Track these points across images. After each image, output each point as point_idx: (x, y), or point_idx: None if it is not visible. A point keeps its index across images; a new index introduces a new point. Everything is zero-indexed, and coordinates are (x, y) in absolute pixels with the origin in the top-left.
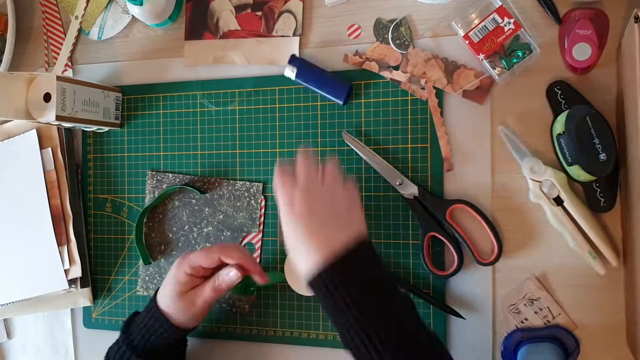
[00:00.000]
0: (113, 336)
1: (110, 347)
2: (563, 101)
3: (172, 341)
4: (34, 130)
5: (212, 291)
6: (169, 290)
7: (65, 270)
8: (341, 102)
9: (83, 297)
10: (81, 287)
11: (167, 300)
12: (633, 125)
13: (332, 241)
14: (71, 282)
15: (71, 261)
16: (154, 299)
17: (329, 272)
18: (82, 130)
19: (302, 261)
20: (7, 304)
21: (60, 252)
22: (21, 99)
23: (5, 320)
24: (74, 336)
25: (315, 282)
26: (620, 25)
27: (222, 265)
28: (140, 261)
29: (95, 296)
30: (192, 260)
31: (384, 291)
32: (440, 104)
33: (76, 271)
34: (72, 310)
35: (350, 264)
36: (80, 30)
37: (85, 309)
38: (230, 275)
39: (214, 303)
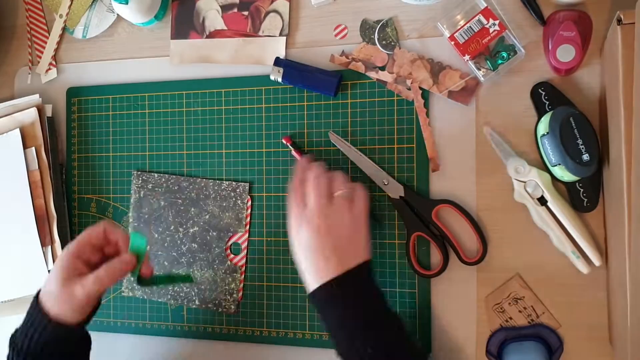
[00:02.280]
0: (97, 337)
1: None
2: (547, 102)
3: (59, 339)
4: (17, 130)
5: (94, 282)
6: (51, 277)
7: (49, 271)
8: (332, 94)
9: None
10: None
11: (49, 289)
12: (615, 126)
13: (337, 264)
14: None
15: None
16: (34, 300)
17: (329, 288)
18: (67, 129)
19: (308, 278)
20: None
21: (44, 252)
22: None
23: None
24: None
25: (317, 294)
26: (604, 28)
27: (112, 251)
28: None
29: None
30: (78, 238)
31: (379, 310)
32: (426, 105)
33: None
34: None
35: (351, 284)
36: (64, 29)
37: None
38: (113, 264)
39: (99, 296)
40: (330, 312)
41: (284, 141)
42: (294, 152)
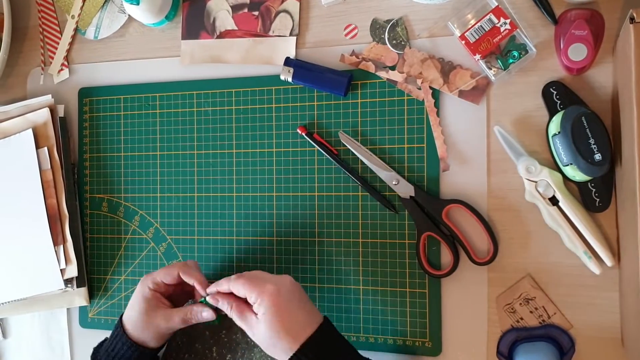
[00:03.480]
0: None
1: None
2: (559, 101)
3: (138, 359)
4: (30, 130)
5: (181, 321)
6: (136, 308)
7: (61, 270)
8: (342, 94)
9: (79, 297)
10: (77, 287)
11: (133, 319)
12: (628, 126)
13: (301, 332)
14: (67, 281)
15: (67, 261)
16: (119, 323)
17: (296, 356)
18: (79, 129)
19: (278, 352)
20: (3, 303)
21: (56, 251)
22: None
23: (1, 320)
24: (69, 336)
25: None
26: (616, 26)
27: (183, 283)
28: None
29: (91, 296)
30: (154, 277)
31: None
32: (437, 104)
33: (72, 271)
34: (68, 309)
35: (319, 343)
36: (76, 30)
37: (82, 308)
38: (203, 315)
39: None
40: None
41: (299, 131)
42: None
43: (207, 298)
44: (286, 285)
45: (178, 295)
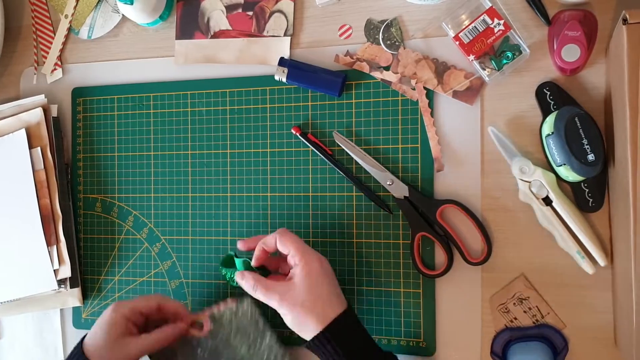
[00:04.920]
0: None
1: None
2: (552, 102)
3: None
4: (23, 130)
5: (154, 343)
6: (102, 334)
7: (54, 271)
8: (336, 94)
9: (72, 297)
10: (71, 287)
11: (98, 344)
12: (621, 126)
13: (326, 315)
14: (60, 282)
15: (60, 261)
16: (79, 345)
17: (322, 336)
18: (72, 129)
19: (303, 330)
20: None
21: (49, 252)
22: None
23: None
24: (63, 336)
25: (313, 342)
26: (609, 27)
27: (156, 317)
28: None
29: (84, 296)
30: (132, 304)
31: (368, 347)
32: (431, 105)
33: (66, 271)
34: (61, 310)
35: (340, 327)
36: (70, 29)
37: (75, 309)
38: (173, 329)
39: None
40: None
41: (293, 131)
42: (306, 142)
43: (239, 245)
44: (326, 262)
45: (144, 325)
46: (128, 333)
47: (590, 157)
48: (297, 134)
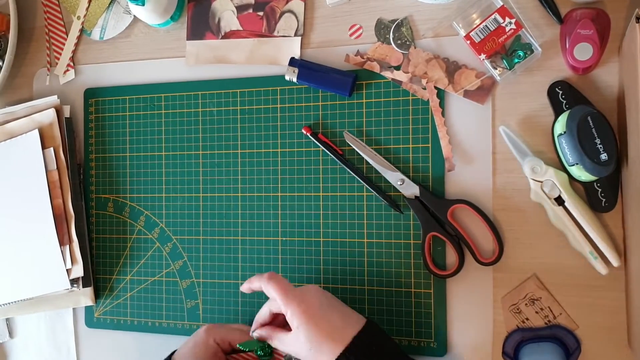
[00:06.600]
0: (115, 335)
1: None
2: (564, 101)
3: None
4: (36, 131)
5: None
6: (194, 352)
7: (67, 270)
8: (347, 94)
9: (85, 297)
10: (83, 287)
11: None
12: (634, 125)
13: (343, 334)
14: (73, 281)
15: (73, 261)
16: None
17: (342, 357)
18: (85, 130)
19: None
20: (9, 303)
21: (62, 251)
22: None
23: (7, 319)
24: (75, 336)
25: None
26: (622, 25)
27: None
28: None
29: (97, 296)
30: (226, 334)
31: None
32: (442, 104)
33: (78, 271)
34: (74, 309)
35: (364, 343)
36: (82, 31)
37: (87, 308)
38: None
39: None
40: None
41: (303, 131)
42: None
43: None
44: (313, 294)
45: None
46: (214, 356)
47: (603, 156)
48: (308, 134)
